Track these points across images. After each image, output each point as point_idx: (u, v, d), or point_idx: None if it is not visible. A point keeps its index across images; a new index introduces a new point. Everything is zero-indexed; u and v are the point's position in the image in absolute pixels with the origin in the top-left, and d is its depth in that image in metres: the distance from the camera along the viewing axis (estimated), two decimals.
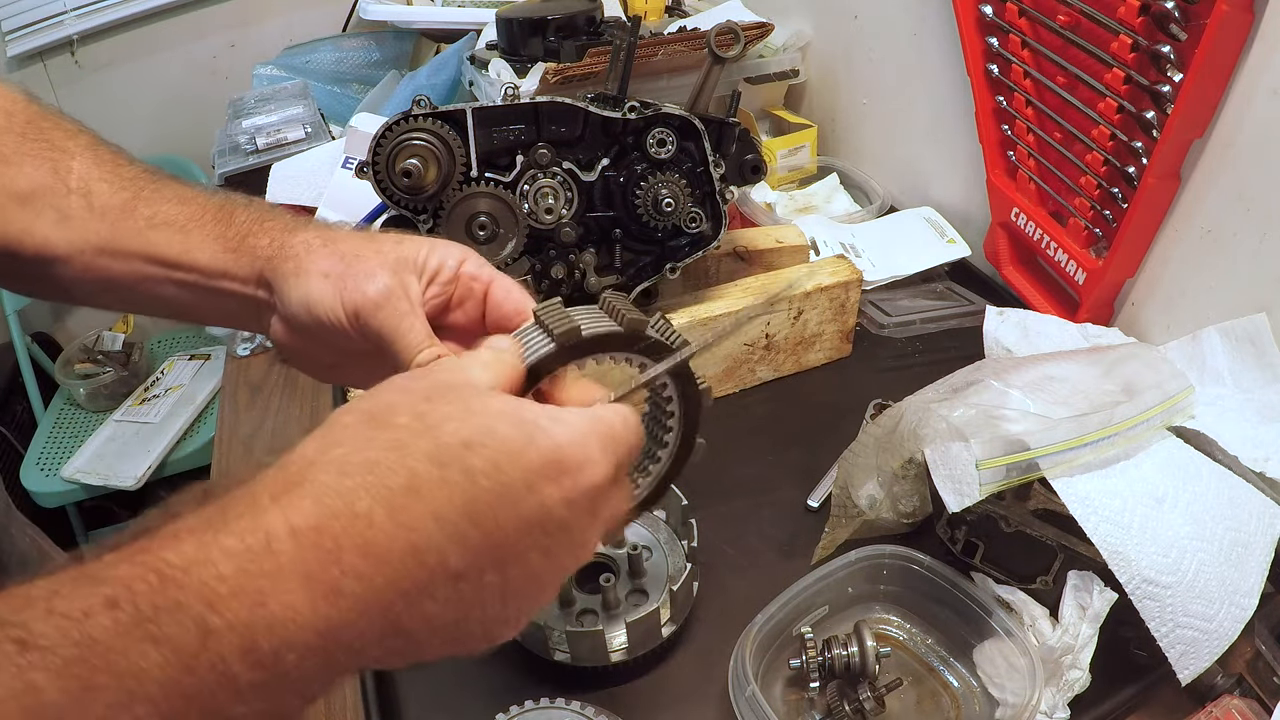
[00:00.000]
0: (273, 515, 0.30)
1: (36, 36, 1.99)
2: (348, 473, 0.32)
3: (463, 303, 0.51)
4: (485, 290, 0.51)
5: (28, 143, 0.52)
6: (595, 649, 0.67)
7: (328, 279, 0.48)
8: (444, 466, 0.33)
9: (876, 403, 0.90)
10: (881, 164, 1.38)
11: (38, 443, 1.93)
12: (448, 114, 0.77)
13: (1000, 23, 0.97)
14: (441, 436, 0.34)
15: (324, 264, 0.49)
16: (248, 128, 1.51)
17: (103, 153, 0.54)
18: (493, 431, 0.35)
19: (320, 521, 0.31)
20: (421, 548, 0.32)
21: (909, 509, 0.75)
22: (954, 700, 0.68)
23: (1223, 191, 0.82)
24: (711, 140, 0.84)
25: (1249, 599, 0.63)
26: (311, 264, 0.49)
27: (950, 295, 1.13)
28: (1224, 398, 0.78)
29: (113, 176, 0.53)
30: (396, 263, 0.49)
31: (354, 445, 0.33)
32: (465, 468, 0.33)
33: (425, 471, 0.33)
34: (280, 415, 1.08)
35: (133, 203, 0.52)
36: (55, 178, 0.51)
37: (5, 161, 0.51)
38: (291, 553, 0.30)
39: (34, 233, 0.50)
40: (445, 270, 0.50)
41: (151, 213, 0.52)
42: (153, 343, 2.20)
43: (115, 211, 0.52)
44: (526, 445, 0.35)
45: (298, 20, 2.17)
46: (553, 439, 0.36)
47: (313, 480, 0.32)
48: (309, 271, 0.49)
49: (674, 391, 0.49)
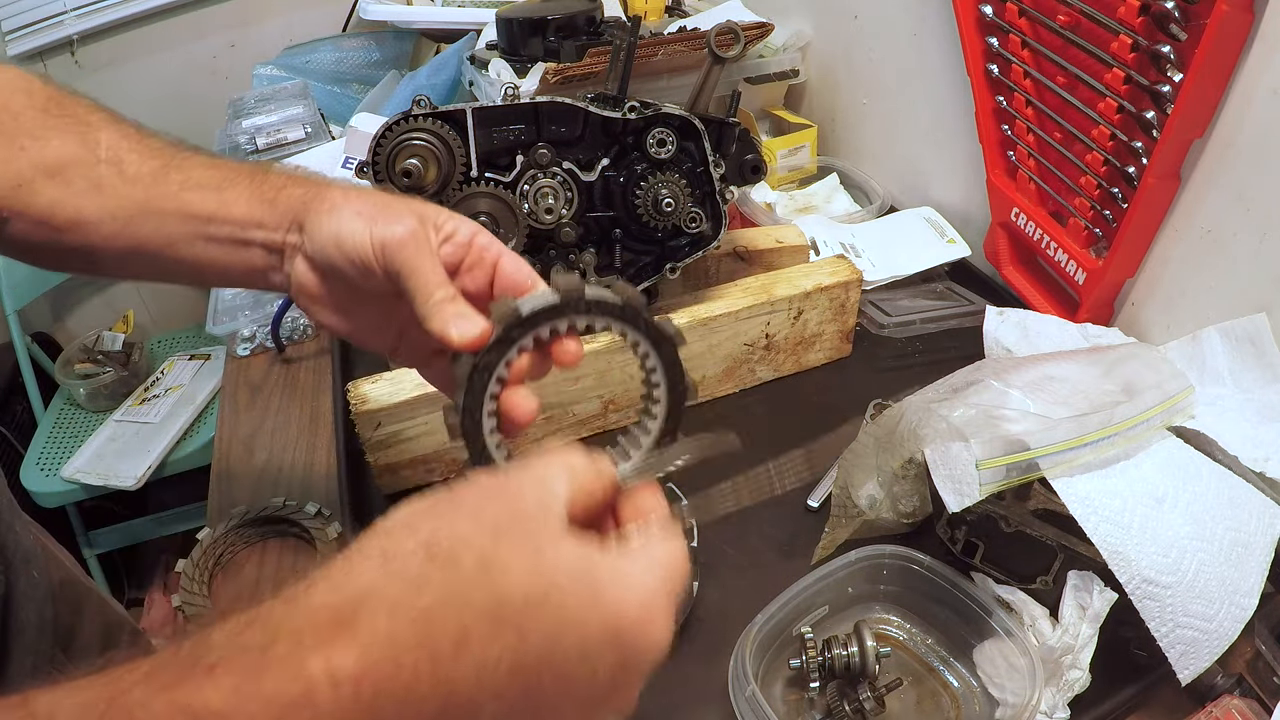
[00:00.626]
0: (316, 662, 0.30)
1: (36, 36, 1.99)
2: (397, 620, 0.31)
3: (472, 269, 0.54)
4: (495, 261, 0.54)
5: (51, 118, 0.53)
6: None
7: (360, 216, 0.52)
8: (499, 623, 0.32)
9: (876, 403, 0.90)
10: (881, 164, 1.38)
11: (38, 443, 1.93)
12: (448, 114, 0.77)
13: (1000, 23, 0.97)
14: (503, 588, 0.33)
15: (357, 205, 0.53)
16: (248, 128, 1.51)
17: (125, 127, 0.56)
18: (558, 593, 0.33)
19: (363, 670, 0.30)
20: (460, 700, 0.31)
21: (909, 509, 0.75)
22: (954, 700, 0.68)
23: (1223, 191, 0.82)
24: (711, 140, 0.84)
25: (1249, 599, 0.63)
26: (346, 204, 0.53)
27: (950, 295, 1.13)
28: (1224, 398, 0.78)
29: (140, 147, 0.54)
30: (421, 215, 0.52)
31: (410, 585, 0.32)
32: (521, 629, 0.32)
33: (478, 629, 0.32)
34: (280, 415, 1.08)
35: (164, 170, 0.54)
36: (85, 148, 0.53)
37: (31, 136, 0.52)
38: (330, 702, 0.29)
39: (65, 204, 0.52)
40: (460, 235, 0.53)
41: (184, 177, 0.54)
42: (153, 343, 2.19)
43: (148, 178, 0.53)
44: (589, 612, 0.34)
45: (298, 20, 2.17)
46: (618, 608, 0.34)
47: (362, 624, 0.31)
48: (343, 210, 0.53)
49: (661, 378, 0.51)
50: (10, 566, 0.57)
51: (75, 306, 2.32)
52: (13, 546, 0.59)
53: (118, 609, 0.82)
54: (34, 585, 0.60)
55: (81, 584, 0.76)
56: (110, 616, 0.78)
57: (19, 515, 0.62)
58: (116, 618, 0.79)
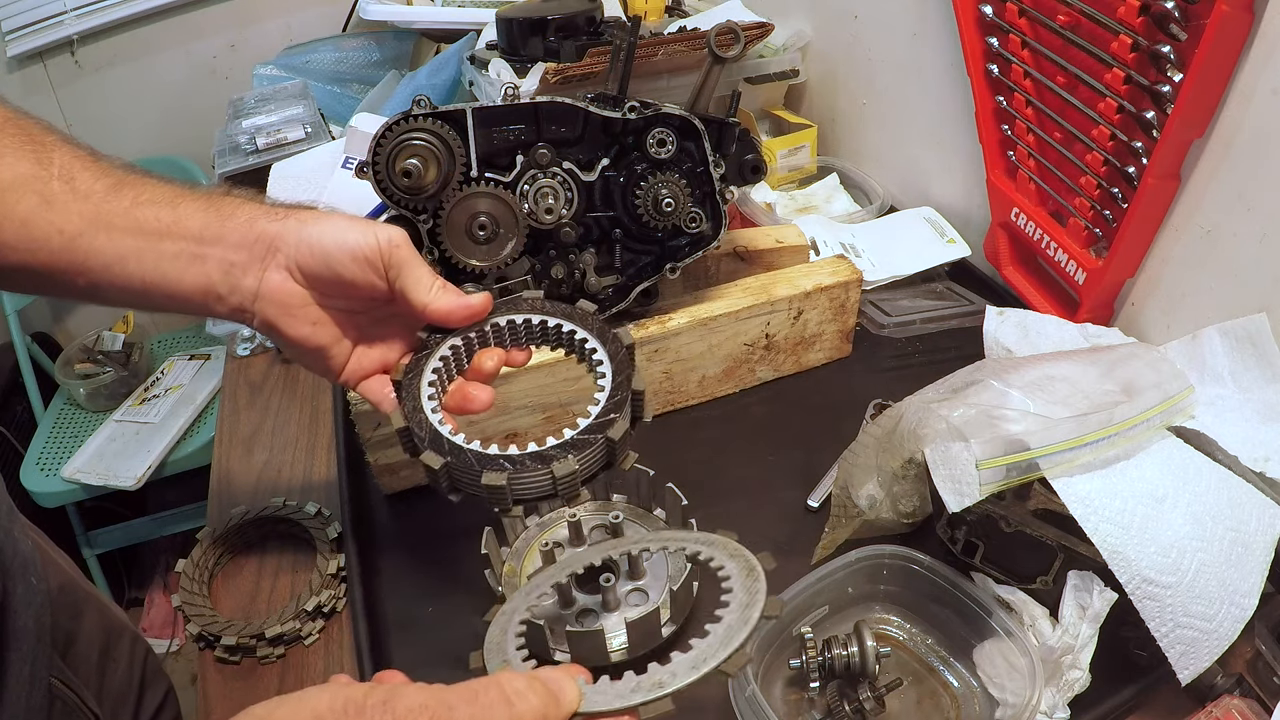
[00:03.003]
0: None
1: (36, 36, 1.99)
2: None
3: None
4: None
5: (6, 136, 0.53)
6: (595, 649, 0.66)
7: (354, 223, 0.58)
8: None
9: (876, 403, 0.90)
10: (881, 164, 1.38)
11: (38, 443, 1.93)
12: (448, 114, 0.76)
13: (1000, 23, 0.97)
14: None
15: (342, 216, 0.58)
16: (248, 128, 1.51)
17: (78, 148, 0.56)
18: None
19: None
20: None
21: (909, 509, 0.75)
22: (954, 700, 0.68)
23: (1223, 191, 0.82)
24: (711, 140, 0.84)
25: (1249, 599, 0.63)
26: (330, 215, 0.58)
27: (950, 295, 1.13)
28: (1224, 398, 0.78)
29: (94, 167, 0.55)
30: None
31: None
32: None
33: None
34: (280, 415, 1.08)
35: (117, 186, 0.54)
36: (38, 166, 0.52)
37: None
38: None
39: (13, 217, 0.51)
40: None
41: (137, 193, 0.55)
42: (153, 343, 2.20)
43: (100, 194, 0.53)
44: None
45: (298, 20, 2.17)
46: None
47: None
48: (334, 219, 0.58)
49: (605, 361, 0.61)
50: (7, 573, 0.57)
51: (75, 306, 2.32)
52: (10, 552, 0.58)
53: (118, 613, 0.81)
54: (32, 592, 0.59)
55: (81, 588, 0.76)
56: (111, 621, 0.78)
57: (17, 520, 0.62)
58: (117, 622, 0.79)
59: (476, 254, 0.78)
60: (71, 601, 0.72)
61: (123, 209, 0.53)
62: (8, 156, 0.52)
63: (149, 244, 0.54)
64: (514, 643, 0.48)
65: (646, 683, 0.39)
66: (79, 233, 0.52)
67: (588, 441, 0.58)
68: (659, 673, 0.39)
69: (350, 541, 0.82)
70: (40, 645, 0.59)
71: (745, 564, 0.46)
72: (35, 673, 0.57)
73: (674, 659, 0.40)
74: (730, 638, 0.41)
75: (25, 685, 0.56)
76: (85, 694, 0.66)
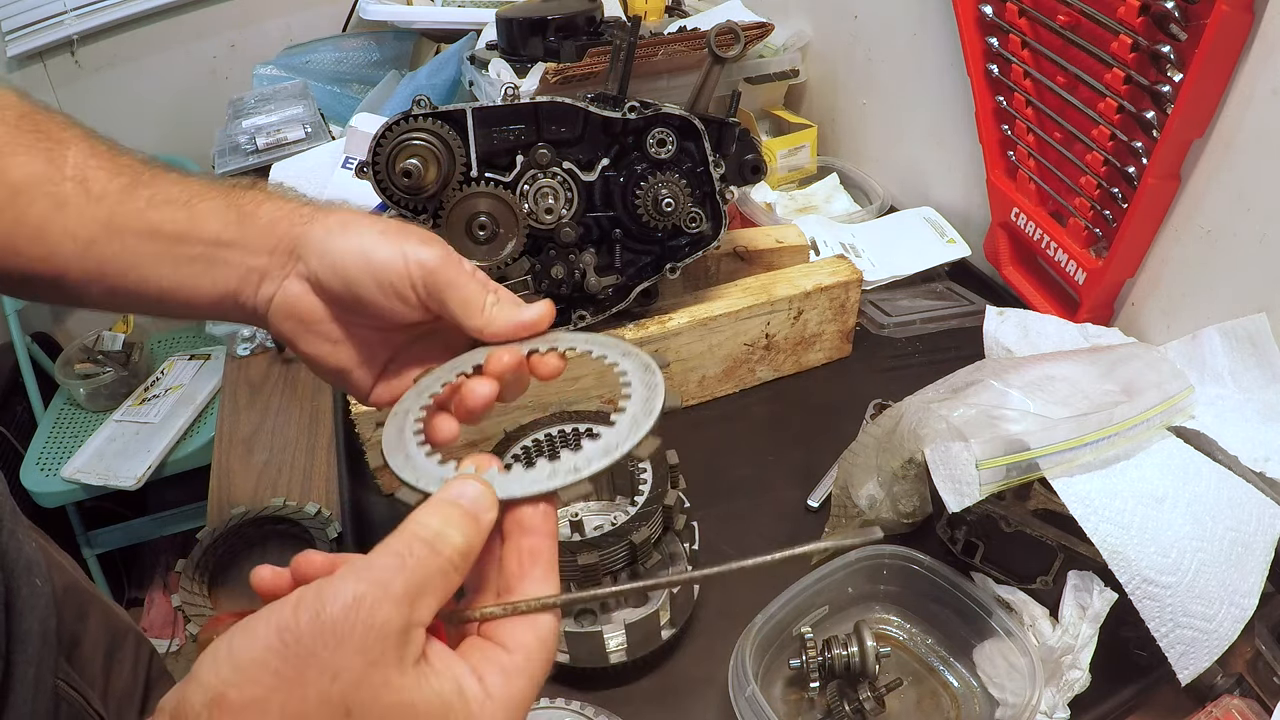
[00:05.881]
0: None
1: (36, 36, 1.99)
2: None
3: None
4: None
5: (21, 134, 0.51)
6: (594, 650, 0.66)
7: (385, 236, 0.50)
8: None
9: (876, 403, 0.90)
10: (881, 164, 1.38)
11: (38, 443, 1.93)
12: (448, 114, 0.77)
13: (1000, 23, 0.97)
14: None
15: (378, 224, 0.50)
16: (248, 128, 1.51)
17: (97, 144, 0.53)
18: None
19: None
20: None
21: (909, 509, 0.75)
22: (954, 700, 0.68)
23: (1223, 191, 0.82)
24: (711, 140, 0.84)
25: (1249, 599, 0.63)
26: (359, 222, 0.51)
27: (950, 295, 1.13)
28: (1224, 398, 0.78)
29: (109, 164, 0.52)
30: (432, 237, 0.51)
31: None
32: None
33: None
34: (280, 415, 1.08)
35: (132, 186, 0.51)
36: (51, 167, 0.51)
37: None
38: None
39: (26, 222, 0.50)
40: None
41: (151, 193, 0.52)
42: (153, 343, 2.19)
43: (114, 195, 0.51)
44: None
45: (298, 20, 2.17)
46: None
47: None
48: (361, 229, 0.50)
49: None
50: (12, 575, 0.57)
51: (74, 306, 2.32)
52: (14, 554, 0.58)
53: (122, 615, 0.81)
54: (36, 594, 0.59)
55: (85, 590, 0.75)
56: (115, 622, 0.78)
57: (21, 522, 0.61)
58: (121, 624, 0.79)
59: (477, 254, 0.78)
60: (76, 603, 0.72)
61: (138, 210, 0.51)
62: (20, 155, 0.50)
63: (165, 248, 0.51)
64: (413, 440, 0.47)
65: (562, 469, 0.41)
66: (92, 239, 0.50)
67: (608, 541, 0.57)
68: (573, 458, 0.41)
69: (350, 541, 0.82)
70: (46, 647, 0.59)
71: (640, 361, 0.48)
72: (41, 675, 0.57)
73: (586, 447, 0.41)
74: (637, 426, 0.43)
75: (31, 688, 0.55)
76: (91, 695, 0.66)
